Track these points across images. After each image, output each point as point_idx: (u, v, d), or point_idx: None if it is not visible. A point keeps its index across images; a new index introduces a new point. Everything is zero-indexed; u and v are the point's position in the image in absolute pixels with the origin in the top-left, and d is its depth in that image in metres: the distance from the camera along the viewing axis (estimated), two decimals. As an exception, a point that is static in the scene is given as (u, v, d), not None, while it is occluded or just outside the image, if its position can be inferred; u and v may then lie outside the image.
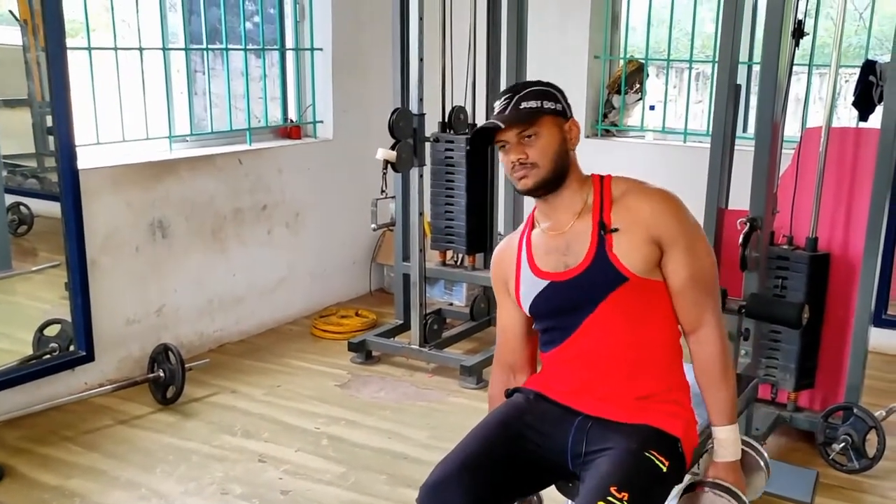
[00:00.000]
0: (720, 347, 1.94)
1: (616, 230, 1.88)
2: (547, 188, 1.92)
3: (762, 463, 2.21)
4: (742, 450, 2.04)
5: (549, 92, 1.92)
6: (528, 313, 2.03)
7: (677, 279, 1.91)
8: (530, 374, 2.13)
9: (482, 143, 1.97)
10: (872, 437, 3.11)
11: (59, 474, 3.05)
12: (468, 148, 4.09)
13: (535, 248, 2.00)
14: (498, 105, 1.92)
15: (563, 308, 1.95)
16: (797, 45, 3.00)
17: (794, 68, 3.15)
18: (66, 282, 3.53)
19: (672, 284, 1.92)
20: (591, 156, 2.52)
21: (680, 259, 1.89)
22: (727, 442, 1.97)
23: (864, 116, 3.51)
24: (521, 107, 1.88)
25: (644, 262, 1.88)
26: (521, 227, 2.08)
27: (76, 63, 3.44)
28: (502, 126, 1.88)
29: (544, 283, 1.96)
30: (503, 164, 1.94)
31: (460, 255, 4.40)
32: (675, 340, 1.99)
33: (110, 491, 2.95)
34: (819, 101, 4.81)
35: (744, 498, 1.95)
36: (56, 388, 3.53)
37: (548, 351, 2.03)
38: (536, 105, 1.88)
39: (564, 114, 1.93)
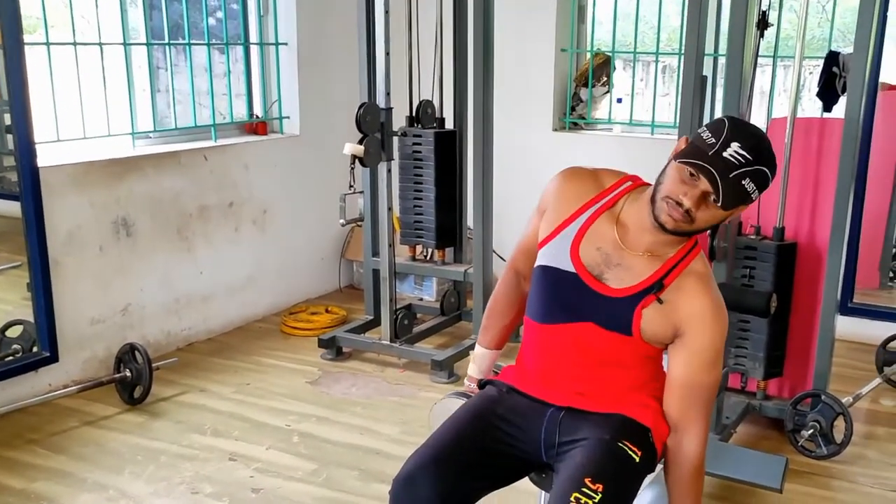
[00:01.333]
0: (699, 458, 1.90)
1: (661, 302, 1.83)
2: (675, 235, 1.81)
3: None
4: None
5: (769, 180, 1.74)
6: (535, 270, 1.96)
7: (676, 372, 1.88)
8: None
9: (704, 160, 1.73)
10: (840, 424, 3.15)
11: (25, 478, 2.99)
12: (434, 144, 4.09)
13: (592, 229, 1.90)
14: (736, 151, 1.69)
15: (563, 298, 1.91)
16: (762, 36, 3.03)
17: (759, 61, 3.18)
18: (28, 282, 3.47)
19: (671, 371, 1.89)
20: (560, 149, 2.53)
21: (689, 362, 1.85)
22: None
23: (828, 107, 3.56)
24: (743, 184, 1.69)
25: (656, 338, 1.86)
26: (608, 185, 1.93)
27: (34, 60, 3.37)
28: (717, 179, 1.68)
29: (571, 268, 1.89)
30: (671, 182, 1.76)
31: (430, 250, 4.38)
32: (657, 373, 1.97)
33: (78, 493, 2.90)
34: (783, 94, 4.87)
35: None
36: (19, 390, 3.46)
37: (529, 318, 2.00)
38: (750, 191, 1.71)
39: (752, 202, 1.79)
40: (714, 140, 1.72)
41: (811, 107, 4.54)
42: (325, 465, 3.11)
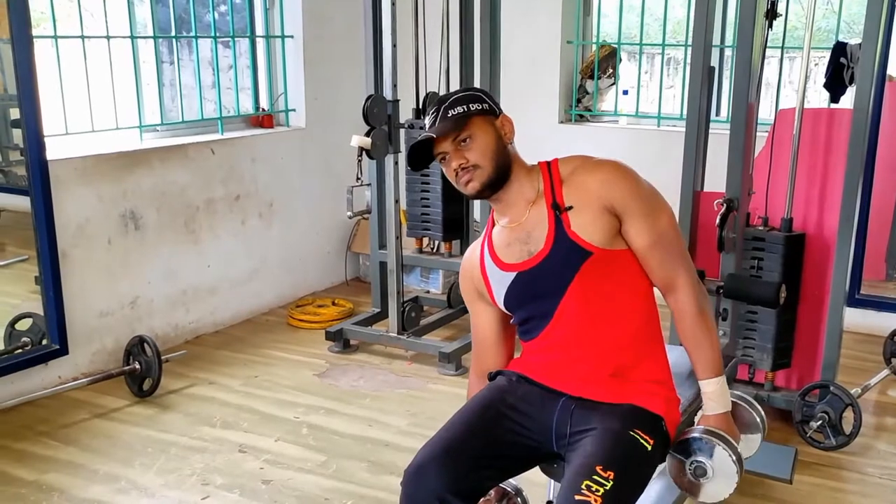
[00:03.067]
0: (696, 304, 1.96)
1: (570, 208, 1.90)
2: (493, 186, 1.94)
3: (758, 419, 2.23)
4: (738, 406, 2.04)
5: (473, 95, 1.95)
6: (504, 309, 2.04)
7: (640, 243, 1.92)
8: None
9: (423, 161, 1.98)
10: (849, 415, 3.15)
11: (36, 469, 3.00)
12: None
13: (496, 245, 2.01)
14: (428, 120, 1.96)
15: (535, 295, 1.96)
16: (770, 26, 3.02)
17: (766, 52, 3.17)
18: (37, 275, 3.48)
19: (636, 249, 1.93)
20: (566, 141, 2.54)
21: (637, 224, 1.91)
22: (715, 394, 1.98)
23: (835, 98, 3.55)
24: (449, 115, 1.90)
25: (604, 234, 1.90)
26: (483, 233, 2.10)
27: (41, 54, 3.37)
28: (435, 136, 1.91)
29: (511, 274, 1.97)
30: (448, 177, 1.96)
31: (436, 242, 4.39)
32: (651, 313, 2.00)
33: (89, 485, 2.91)
34: (789, 85, 4.86)
35: (735, 445, 1.95)
36: (30, 383, 3.48)
37: (528, 340, 2.04)
38: (463, 109, 1.90)
39: (493, 111, 1.95)
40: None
41: (816, 98, 4.53)
42: (335, 456, 3.12)
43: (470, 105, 1.91)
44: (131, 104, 4.02)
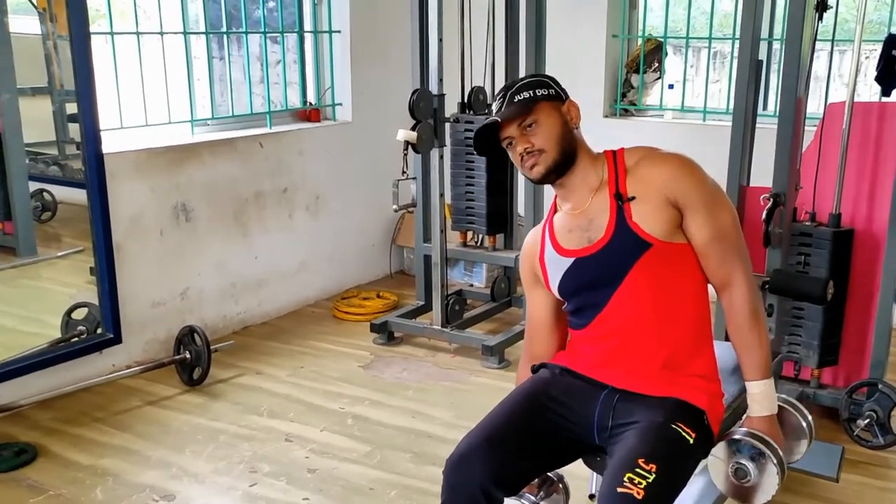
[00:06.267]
0: (750, 304, 1.95)
1: (633, 198, 1.91)
2: (558, 171, 1.95)
3: (805, 425, 2.19)
4: (785, 410, 2.03)
5: (539, 81, 1.97)
6: (557, 294, 2.05)
7: (700, 239, 1.92)
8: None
9: (489, 148, 2.01)
10: (897, 413, 3.11)
11: (92, 454, 3.10)
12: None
13: (557, 230, 2.03)
14: (495, 106, 1.98)
15: (591, 283, 1.96)
16: (820, 18, 2.99)
17: (815, 45, 3.14)
18: (92, 266, 3.58)
19: (696, 245, 1.93)
20: (611, 135, 2.54)
21: (699, 219, 1.91)
22: (761, 396, 1.97)
23: (887, 91, 3.48)
24: (516, 100, 1.93)
25: (665, 226, 1.90)
26: (545, 217, 2.11)
27: (97, 50, 3.46)
28: (500, 121, 1.93)
29: (569, 260, 1.98)
30: (514, 161, 1.98)
31: (481, 236, 4.41)
32: (704, 310, 2.00)
33: (142, 470, 3.00)
34: (839, 79, 4.78)
35: (778, 450, 1.94)
36: (85, 370, 3.58)
37: (579, 329, 2.05)
38: (529, 94, 1.93)
39: (560, 97, 1.97)
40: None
41: (866, 92, 4.45)
42: (379, 447, 3.17)
43: (536, 90, 1.93)
44: (183, 99, 4.11)
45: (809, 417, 2.20)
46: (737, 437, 1.96)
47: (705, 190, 1.92)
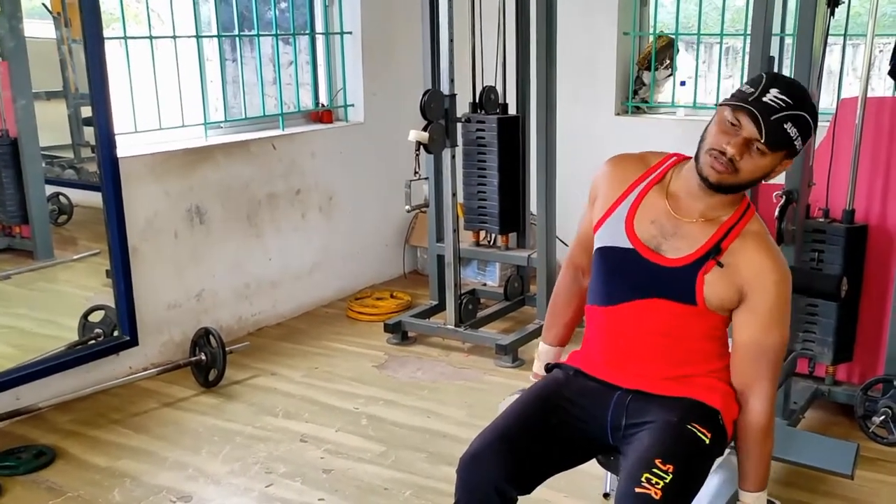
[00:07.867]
0: (765, 420, 1.91)
1: (721, 265, 1.85)
2: (722, 191, 1.84)
3: None
4: None
5: (811, 129, 1.78)
6: (595, 242, 2.00)
7: (743, 336, 1.89)
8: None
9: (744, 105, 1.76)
10: (913, 409, 3.10)
11: (109, 456, 3.13)
12: (497, 130, 4.09)
13: (642, 206, 1.94)
14: (775, 95, 1.74)
15: (626, 276, 1.94)
16: (832, 13, 2.97)
17: (827, 40, 3.12)
18: (108, 269, 3.60)
19: (736, 336, 1.90)
20: (622, 133, 2.54)
21: (754, 324, 1.87)
22: None
23: (900, 86, 3.47)
24: (785, 127, 1.74)
25: (721, 303, 1.87)
26: (654, 162, 1.98)
27: (111, 54, 3.49)
28: (758, 114, 1.72)
29: (627, 244, 1.92)
30: (714, 135, 1.79)
31: (493, 235, 4.42)
32: (723, 347, 1.97)
33: (159, 472, 3.02)
34: (852, 73, 4.75)
35: None
36: (102, 373, 3.61)
37: (591, 304, 2.03)
38: (793, 136, 1.75)
39: (795, 153, 1.82)
40: (753, 89, 1.77)
41: (880, 86, 4.43)
42: (394, 447, 3.18)
43: (800, 140, 1.76)
44: (196, 102, 4.14)
45: None
46: None
47: (776, 304, 1.86)
